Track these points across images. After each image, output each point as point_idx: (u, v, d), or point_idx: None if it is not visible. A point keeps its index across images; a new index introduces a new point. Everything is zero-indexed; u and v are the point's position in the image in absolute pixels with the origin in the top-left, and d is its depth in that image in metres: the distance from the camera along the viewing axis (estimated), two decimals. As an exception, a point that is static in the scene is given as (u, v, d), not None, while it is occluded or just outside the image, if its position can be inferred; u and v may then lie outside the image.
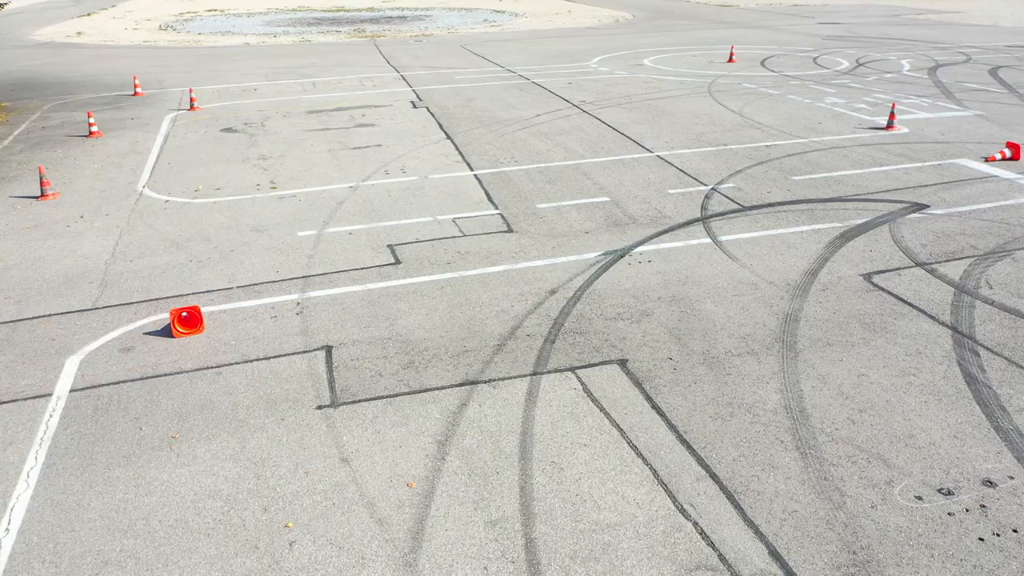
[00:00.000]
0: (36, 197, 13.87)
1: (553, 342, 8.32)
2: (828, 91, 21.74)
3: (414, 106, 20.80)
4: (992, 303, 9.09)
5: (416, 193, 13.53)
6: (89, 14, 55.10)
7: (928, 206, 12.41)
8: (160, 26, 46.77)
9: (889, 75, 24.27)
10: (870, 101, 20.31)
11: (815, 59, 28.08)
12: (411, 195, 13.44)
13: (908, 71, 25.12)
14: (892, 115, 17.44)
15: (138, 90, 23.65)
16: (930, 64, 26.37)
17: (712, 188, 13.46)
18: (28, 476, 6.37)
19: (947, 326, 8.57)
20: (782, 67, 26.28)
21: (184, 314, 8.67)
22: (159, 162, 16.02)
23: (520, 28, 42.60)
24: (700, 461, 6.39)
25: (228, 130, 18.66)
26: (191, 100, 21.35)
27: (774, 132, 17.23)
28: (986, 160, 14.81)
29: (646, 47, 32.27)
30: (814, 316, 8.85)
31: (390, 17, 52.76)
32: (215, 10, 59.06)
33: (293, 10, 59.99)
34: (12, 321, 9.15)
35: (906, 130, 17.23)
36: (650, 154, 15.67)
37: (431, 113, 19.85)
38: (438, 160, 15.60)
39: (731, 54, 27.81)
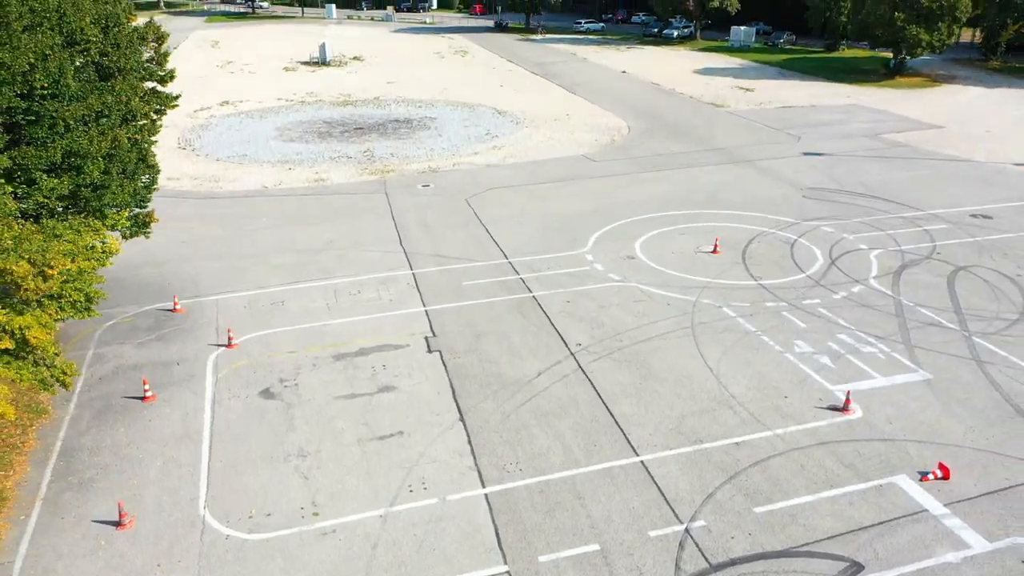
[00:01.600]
0: (115, 524, 16.41)
1: None
2: (799, 327, 24.27)
3: (428, 349, 23.31)
4: None
5: (437, 534, 16.06)
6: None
7: (864, 567, 14.99)
8: (179, 143, 49.15)
9: (856, 289, 26.80)
10: (835, 351, 22.84)
11: (792, 246, 30.60)
12: (433, 535, 15.98)
13: (875, 277, 27.68)
14: (847, 400, 20.02)
15: (177, 307, 26.17)
16: (897, 263, 28.90)
17: (685, 529, 16.02)
18: None
19: None
20: (761, 265, 28.80)
21: None
22: (212, 458, 18.55)
23: (520, 152, 44.99)
24: None
25: (265, 394, 21.19)
26: (229, 337, 23.86)
27: (744, 415, 19.78)
28: (921, 479, 17.37)
29: (639, 209, 34.73)
30: None
31: (396, 120, 55.19)
32: (227, 104, 61.48)
33: (302, 102, 62.46)
34: None
35: (859, 414, 19.79)
36: (636, 459, 18.22)
37: (444, 366, 22.35)
38: (453, 464, 18.13)
39: (715, 246, 30.35)
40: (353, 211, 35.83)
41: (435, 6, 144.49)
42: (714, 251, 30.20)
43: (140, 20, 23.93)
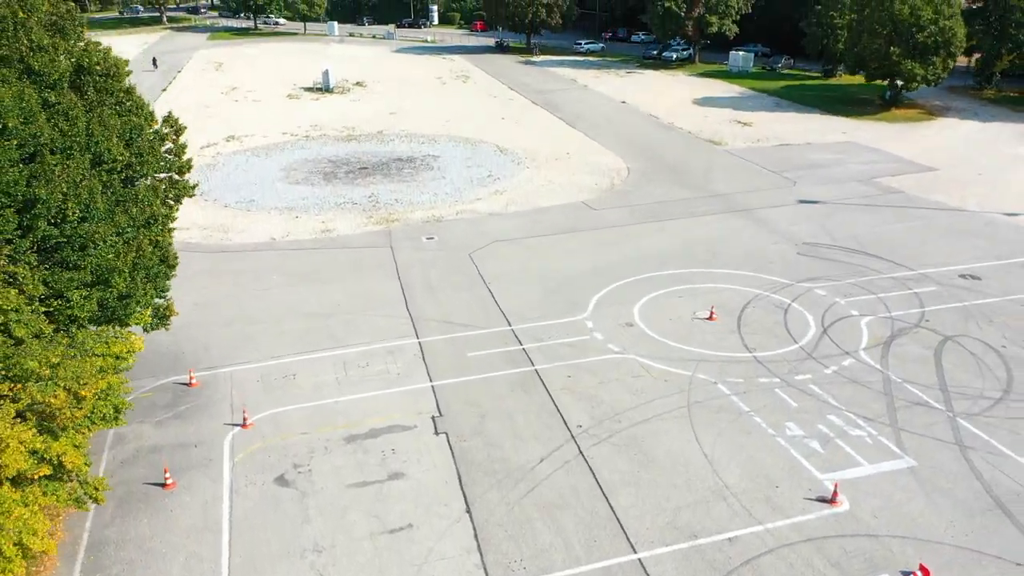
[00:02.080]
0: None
1: None
2: (791, 406, 25.29)
3: (435, 431, 24.34)
4: None
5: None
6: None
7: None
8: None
9: (847, 363, 27.83)
10: (825, 434, 23.86)
11: (786, 312, 31.62)
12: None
13: (865, 349, 28.71)
14: (835, 492, 21.06)
15: (193, 380, 27.19)
16: (887, 332, 29.92)
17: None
18: None
19: None
20: (756, 334, 29.83)
21: None
22: (232, 553, 19.57)
23: (521, 197, 45.97)
24: None
25: (280, 481, 22.22)
26: (244, 417, 24.89)
27: (737, 507, 20.82)
28: (903, 583, 18.43)
29: (637, 267, 35.74)
30: None
31: (399, 159, 56.19)
32: (233, 139, 62.51)
33: (307, 136, 63.50)
34: None
35: (846, 507, 20.82)
36: (634, 557, 19.24)
37: (451, 450, 23.37)
38: (461, 562, 19.16)
39: (711, 313, 31.38)
40: (359, 268, 36.83)
41: (436, 22, 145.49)
42: (710, 318, 31.22)
43: (157, 112, 24.92)
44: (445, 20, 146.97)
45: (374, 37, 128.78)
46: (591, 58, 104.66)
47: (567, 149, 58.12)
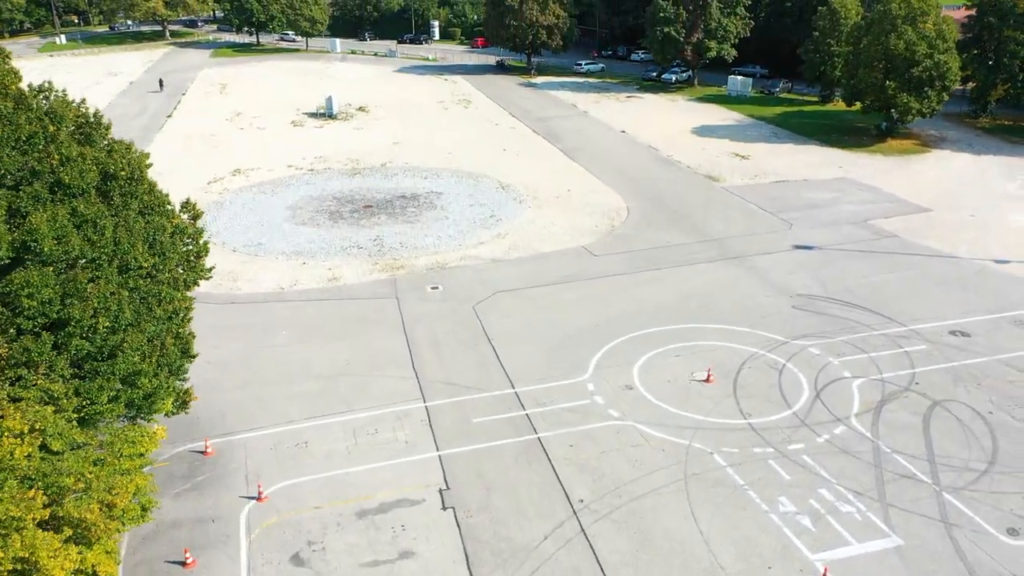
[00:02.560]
0: None
1: None
2: (784, 479, 26.36)
3: (443, 505, 25.40)
4: None
5: None
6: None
7: None
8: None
9: (839, 431, 28.90)
10: (816, 510, 24.93)
11: (780, 373, 32.68)
12: None
13: (856, 415, 29.78)
14: (825, 573, 22.13)
15: (208, 449, 28.23)
16: (877, 396, 30.99)
17: None
18: None
19: None
20: (751, 398, 30.89)
21: None
22: (252, 639, 20.63)
23: (523, 241, 47.00)
24: None
25: (296, 560, 23.27)
26: (259, 490, 25.94)
27: (732, 590, 21.91)
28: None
29: (636, 322, 36.81)
30: None
31: (403, 196, 57.23)
32: (239, 173, 63.55)
33: (311, 170, 64.54)
34: None
35: (835, 589, 21.93)
36: (633, 644, 20.32)
37: (458, 526, 24.44)
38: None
39: (708, 375, 32.45)
40: (366, 322, 37.87)
41: (437, 37, 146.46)
42: (707, 380, 32.28)
43: (176, 203, 25.95)
44: (446, 35, 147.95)
45: (376, 55, 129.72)
46: (591, 79, 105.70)
47: (568, 186, 59.16)
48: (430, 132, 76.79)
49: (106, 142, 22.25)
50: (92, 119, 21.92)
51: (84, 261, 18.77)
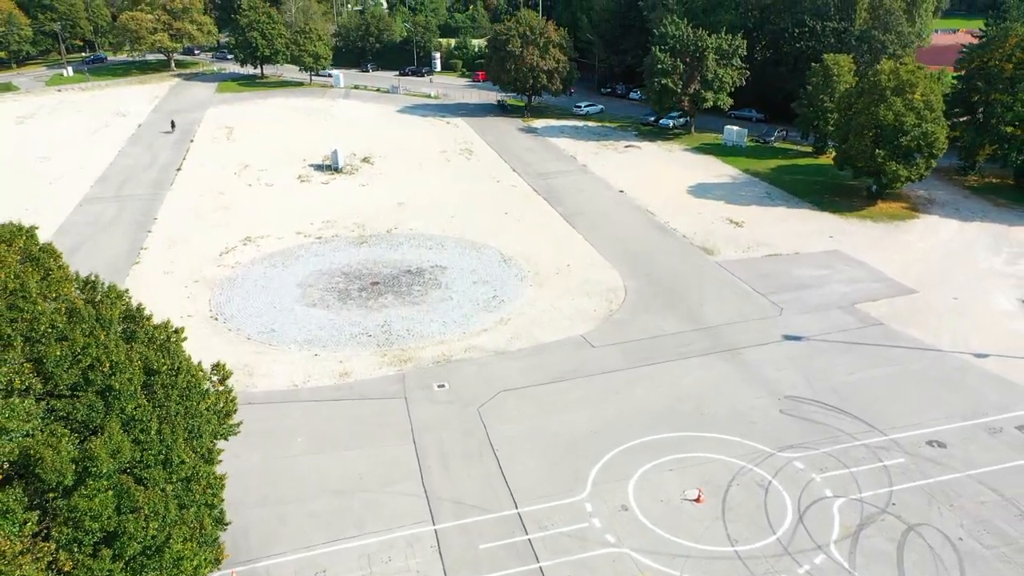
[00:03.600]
0: None
1: None
2: (766, 616, 28.65)
3: (453, 646, 27.66)
4: None
5: None
6: (138, 260, 61.90)
7: None
8: (210, 308, 53.46)
9: (819, 560, 31.14)
10: (794, 652, 27.22)
11: (767, 492, 34.93)
12: None
13: (835, 542, 32.03)
14: None
15: (234, 580, 30.50)
16: (856, 519, 33.25)
17: None
18: None
19: None
20: (738, 521, 33.14)
21: None
22: None
23: (524, 329, 49.19)
24: None
25: None
26: (282, 629, 28.20)
27: None
28: None
29: (632, 431, 39.04)
30: None
31: (409, 271, 59.46)
32: (249, 241, 65.75)
33: (319, 238, 66.73)
34: None
35: None
36: None
37: (467, 670, 26.71)
38: None
39: (699, 495, 34.71)
40: (377, 427, 40.08)
41: (438, 69, 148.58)
42: (698, 500, 34.53)
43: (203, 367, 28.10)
44: (447, 67, 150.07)
45: (378, 90, 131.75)
46: (590, 123, 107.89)
47: (568, 259, 61.40)
48: (433, 191, 78.96)
49: (146, 331, 24.46)
50: (135, 312, 24.10)
51: (134, 472, 20.99)
